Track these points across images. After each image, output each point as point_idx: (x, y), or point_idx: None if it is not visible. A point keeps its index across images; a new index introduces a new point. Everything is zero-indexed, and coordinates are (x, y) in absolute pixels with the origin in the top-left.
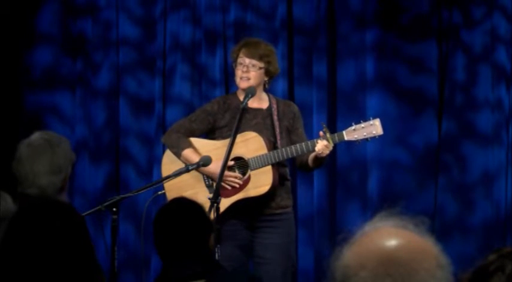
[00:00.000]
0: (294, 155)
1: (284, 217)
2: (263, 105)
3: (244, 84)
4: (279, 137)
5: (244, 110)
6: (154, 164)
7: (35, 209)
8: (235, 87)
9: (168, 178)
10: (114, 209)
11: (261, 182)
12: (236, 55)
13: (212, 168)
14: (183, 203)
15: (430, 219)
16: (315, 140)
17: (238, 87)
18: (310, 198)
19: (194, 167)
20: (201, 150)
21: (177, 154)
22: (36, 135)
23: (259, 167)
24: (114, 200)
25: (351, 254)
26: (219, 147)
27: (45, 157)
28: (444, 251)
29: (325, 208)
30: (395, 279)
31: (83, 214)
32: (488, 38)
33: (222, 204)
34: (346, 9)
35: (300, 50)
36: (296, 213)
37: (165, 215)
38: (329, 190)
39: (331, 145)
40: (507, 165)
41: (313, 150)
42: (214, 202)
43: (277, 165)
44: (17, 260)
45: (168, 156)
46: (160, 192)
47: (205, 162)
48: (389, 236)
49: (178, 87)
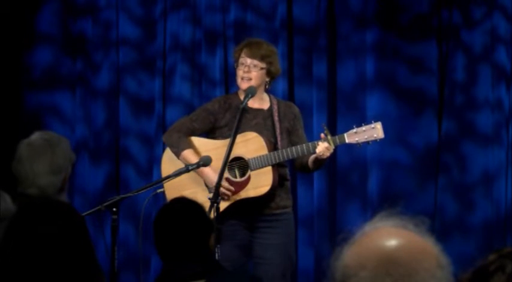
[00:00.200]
0: (295, 156)
1: (283, 217)
2: (264, 105)
3: (245, 84)
4: (279, 137)
5: (244, 110)
6: (154, 164)
7: (35, 209)
8: (235, 87)
9: (168, 178)
10: (114, 209)
11: (260, 182)
12: (238, 55)
13: (209, 174)
14: (184, 203)
15: (430, 219)
16: (316, 142)
17: (239, 87)
18: (310, 198)
19: (194, 167)
20: (201, 150)
21: (177, 154)
22: (36, 135)
23: (259, 168)
24: (114, 200)
25: (351, 254)
26: (219, 147)
27: (45, 157)
28: (444, 251)
29: (325, 208)
30: (395, 279)
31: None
32: (488, 38)
33: (221, 204)
34: (346, 9)
35: (300, 50)
36: (296, 213)
37: (166, 215)
38: (329, 190)
39: (332, 147)
40: (507, 165)
41: (314, 152)
42: (214, 202)
43: (277, 165)
44: (17, 260)
45: (168, 155)
46: (160, 190)
47: (205, 162)
48: (389, 236)
49: (178, 87)
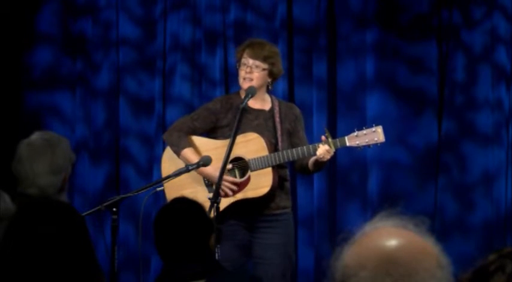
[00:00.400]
0: (295, 158)
1: (283, 217)
2: (265, 106)
3: (247, 84)
4: (280, 139)
5: (244, 110)
6: (154, 164)
7: (35, 209)
8: (235, 87)
9: (168, 178)
10: (114, 209)
11: (260, 183)
12: (240, 55)
13: (210, 171)
14: (184, 203)
15: (430, 219)
16: (317, 144)
17: (241, 88)
18: (310, 199)
19: (194, 167)
20: (201, 149)
21: (177, 153)
22: (36, 135)
23: (260, 169)
24: (114, 200)
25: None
26: (220, 147)
27: (45, 157)
28: (444, 251)
29: (325, 208)
30: (395, 279)
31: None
32: (488, 38)
33: (221, 204)
34: (346, 9)
35: (300, 50)
36: (296, 213)
37: (166, 215)
38: (329, 190)
39: (333, 150)
40: (507, 165)
41: (315, 154)
42: (215, 202)
43: (277, 166)
44: (17, 260)
45: (168, 154)
46: (159, 189)
47: (205, 162)
48: (389, 236)
49: (178, 87)
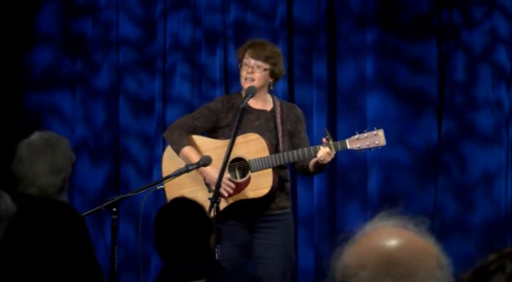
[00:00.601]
0: (296, 159)
1: (283, 218)
2: (267, 107)
3: (248, 84)
4: (281, 140)
5: (244, 110)
6: (154, 164)
7: (35, 209)
8: (235, 87)
9: (168, 178)
10: (114, 209)
11: (260, 184)
12: (242, 55)
13: (210, 172)
14: (183, 203)
15: (430, 219)
16: (317, 147)
17: (242, 88)
18: (310, 199)
19: (194, 167)
20: (201, 149)
21: (177, 151)
22: (36, 135)
23: (260, 169)
24: (114, 200)
25: (351, 253)
26: (220, 147)
27: (45, 157)
28: (444, 251)
29: (325, 208)
30: (395, 279)
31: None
32: (488, 38)
33: (221, 204)
34: (346, 9)
35: (300, 50)
36: (296, 213)
37: (166, 215)
38: (329, 190)
39: (333, 153)
40: (507, 165)
41: (315, 156)
42: (215, 202)
43: (277, 167)
44: (17, 260)
45: (169, 153)
46: (159, 187)
47: (205, 162)
48: (389, 236)
49: (178, 87)
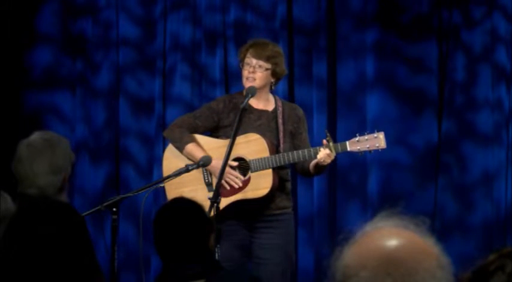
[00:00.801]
0: (296, 160)
1: (283, 218)
2: (269, 107)
3: (250, 84)
4: (282, 140)
5: (244, 110)
6: (154, 164)
7: (34, 209)
8: (235, 87)
9: (168, 178)
10: (114, 209)
11: (260, 184)
12: (244, 55)
13: (214, 164)
14: (183, 203)
15: (430, 219)
16: (318, 148)
17: (244, 88)
18: (310, 199)
19: (194, 167)
20: (203, 148)
21: (180, 148)
22: (35, 135)
23: (260, 170)
24: (114, 200)
25: (351, 253)
26: (221, 146)
27: (44, 157)
28: (444, 251)
29: (325, 208)
30: (395, 279)
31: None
32: (488, 38)
33: (221, 204)
34: (346, 9)
35: (300, 50)
36: (296, 213)
37: (165, 215)
38: (329, 190)
39: (334, 154)
40: (507, 165)
41: (315, 157)
42: (214, 202)
43: (277, 168)
44: (16, 260)
45: (170, 151)
46: (160, 185)
47: (205, 162)
48: (389, 236)
49: (178, 87)
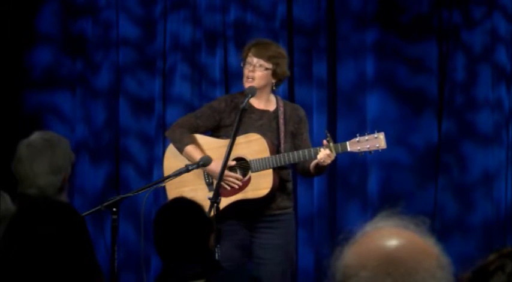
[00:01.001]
0: (296, 161)
1: (284, 218)
2: (270, 107)
3: (249, 84)
4: (283, 140)
5: (244, 110)
6: (154, 164)
7: (34, 209)
8: (235, 87)
9: (168, 178)
10: (114, 209)
11: (260, 184)
12: (246, 54)
13: (213, 167)
14: (183, 203)
15: (430, 219)
16: (318, 148)
17: (244, 87)
18: (310, 199)
19: (194, 167)
20: (204, 148)
21: (180, 149)
22: (35, 135)
23: (261, 170)
24: (114, 200)
25: (352, 253)
26: (222, 146)
27: (44, 157)
28: (444, 251)
29: (325, 208)
30: (395, 279)
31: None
32: (488, 38)
33: (221, 204)
34: (346, 9)
35: (300, 50)
36: (296, 213)
37: (165, 215)
38: (329, 190)
39: (334, 155)
40: (507, 165)
41: (315, 157)
42: (214, 202)
43: (278, 168)
44: (16, 260)
45: (171, 151)
46: (160, 185)
47: (205, 162)
48: (389, 236)
49: (178, 87)
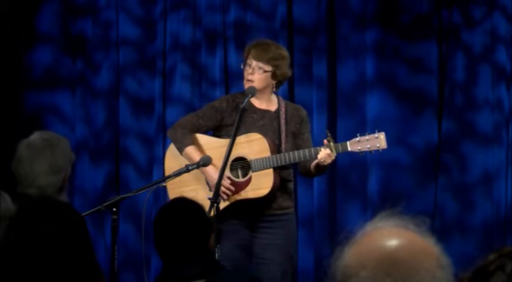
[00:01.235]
0: (297, 160)
1: (285, 218)
2: (271, 107)
3: (248, 85)
4: (284, 140)
5: (244, 110)
6: (154, 164)
7: (34, 209)
8: (235, 87)
9: (168, 178)
10: (114, 209)
11: (261, 184)
12: (246, 55)
13: (210, 172)
14: (183, 203)
15: (430, 219)
16: (318, 148)
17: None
18: (310, 199)
19: (194, 167)
20: (205, 147)
21: (180, 150)
22: (35, 136)
23: (261, 169)
24: (114, 200)
25: (352, 253)
26: (223, 146)
27: (44, 157)
28: (444, 251)
29: (325, 208)
30: (395, 279)
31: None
32: (488, 38)
33: (221, 204)
34: (346, 9)
35: (300, 50)
36: (296, 213)
37: (165, 216)
38: (329, 190)
39: (334, 154)
40: (507, 165)
41: (316, 157)
42: (215, 202)
43: (279, 168)
44: (16, 260)
45: (172, 151)
46: (162, 185)
47: (205, 163)
48: (389, 236)
49: (178, 87)
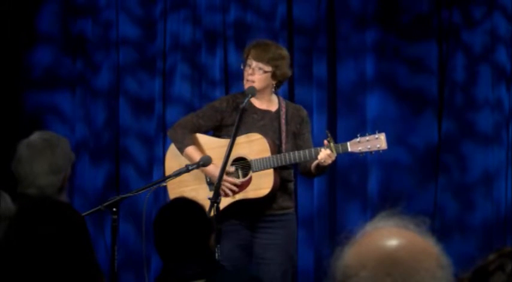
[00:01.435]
0: (297, 160)
1: (285, 218)
2: (272, 107)
3: (248, 85)
4: (284, 140)
5: (244, 110)
6: (154, 164)
7: (34, 209)
8: (235, 87)
9: (168, 178)
10: (114, 209)
11: (261, 184)
12: (246, 56)
13: (211, 170)
14: (183, 203)
15: (430, 219)
16: (319, 149)
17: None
18: (310, 199)
19: (194, 167)
20: (205, 147)
21: (181, 150)
22: (35, 136)
23: (261, 170)
24: (114, 200)
25: (352, 253)
26: (223, 146)
27: (44, 157)
28: (444, 251)
29: (325, 208)
30: (395, 279)
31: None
32: (488, 38)
33: (222, 204)
34: (346, 9)
35: (300, 50)
36: (296, 213)
37: (165, 216)
38: (329, 190)
39: (334, 155)
40: (507, 165)
41: (316, 157)
42: (215, 202)
43: (279, 168)
44: (16, 260)
45: (172, 151)
46: (162, 185)
47: (205, 163)
48: (389, 236)
49: (178, 87)
